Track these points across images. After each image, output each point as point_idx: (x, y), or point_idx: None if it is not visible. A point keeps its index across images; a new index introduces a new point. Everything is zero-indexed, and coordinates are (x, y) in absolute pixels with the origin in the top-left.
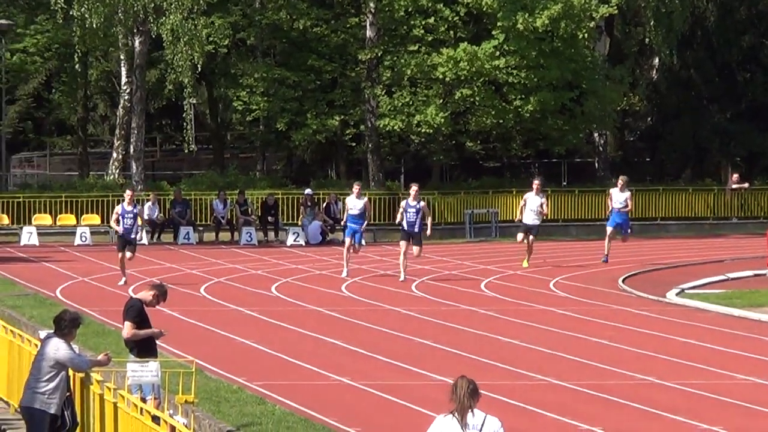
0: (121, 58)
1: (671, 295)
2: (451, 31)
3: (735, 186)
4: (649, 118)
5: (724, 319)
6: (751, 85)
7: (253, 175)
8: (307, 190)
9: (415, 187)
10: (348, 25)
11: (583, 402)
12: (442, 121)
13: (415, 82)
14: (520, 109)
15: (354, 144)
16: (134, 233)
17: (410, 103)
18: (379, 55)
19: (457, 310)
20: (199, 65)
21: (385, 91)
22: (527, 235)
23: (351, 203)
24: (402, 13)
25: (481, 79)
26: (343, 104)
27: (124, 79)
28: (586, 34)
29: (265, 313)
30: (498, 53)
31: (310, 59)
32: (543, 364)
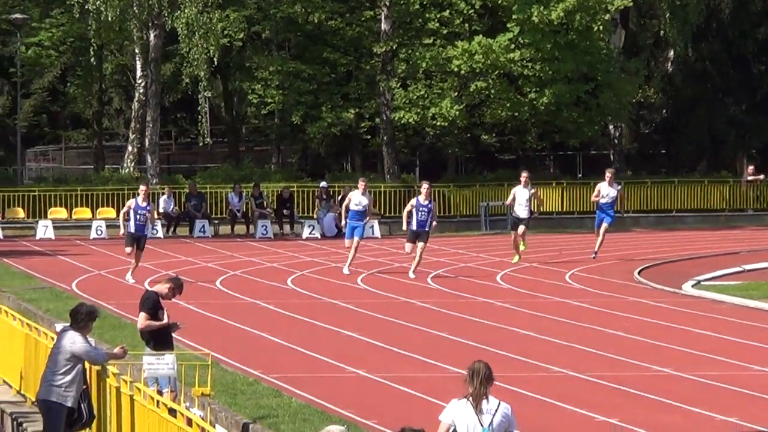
0: (136, 51)
1: (687, 287)
2: (466, 24)
3: (750, 178)
4: (665, 111)
5: (740, 310)
6: (766, 77)
7: (269, 168)
8: (323, 183)
9: (426, 186)
10: (363, 18)
11: (599, 393)
12: (457, 113)
13: (430, 75)
14: (535, 102)
15: (369, 137)
16: (146, 230)
17: (425, 96)
18: (394, 48)
19: (472, 302)
20: (215, 59)
21: (400, 84)
22: (518, 228)
23: (356, 199)
24: (417, 6)
25: (496, 72)
26: (358, 97)
27: (139, 73)
28: (601, 27)
29: (280, 305)
30: (513, 46)
31: (325, 52)
32: (559, 355)
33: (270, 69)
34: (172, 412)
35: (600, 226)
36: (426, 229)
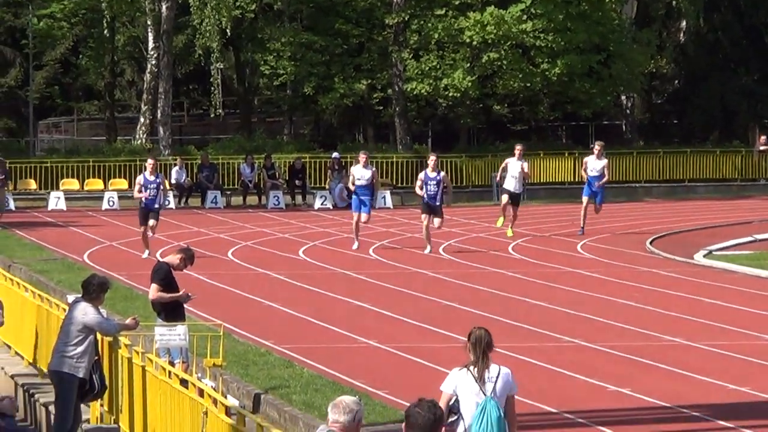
0: (148, 23)
1: (699, 257)
2: None
3: (763, 147)
4: (677, 81)
5: (752, 280)
6: None
7: (281, 139)
8: (335, 154)
9: (434, 158)
10: None
11: (610, 363)
12: (470, 84)
13: (442, 46)
14: (547, 73)
15: (381, 108)
16: (157, 203)
17: (437, 67)
18: (406, 19)
19: (484, 273)
20: (227, 30)
21: (412, 55)
22: (509, 204)
23: (358, 173)
24: None
25: (508, 43)
26: (370, 68)
27: (151, 45)
28: None
29: (292, 276)
30: (525, 17)
31: (337, 23)
32: (571, 325)
33: (282, 40)
34: (183, 383)
35: (589, 197)
36: (437, 203)
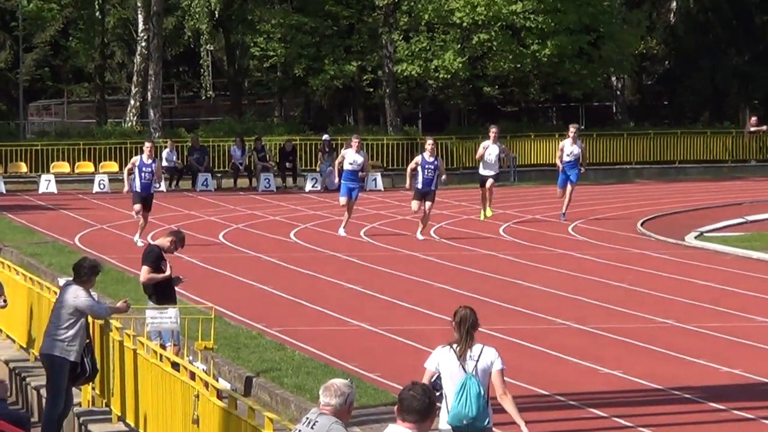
0: (138, 5)
1: (690, 239)
2: None
3: (753, 129)
4: (667, 62)
5: (743, 261)
6: None
7: (271, 122)
8: (325, 136)
9: (431, 142)
10: None
11: (602, 345)
12: (460, 66)
13: (433, 27)
14: (538, 54)
15: (371, 89)
16: (152, 188)
17: (428, 48)
18: (396, 0)
19: (475, 255)
20: (216, 12)
21: (402, 37)
22: (485, 183)
23: (350, 157)
24: None
25: (499, 24)
26: (360, 50)
27: (141, 27)
28: None
29: (283, 259)
30: None
31: (327, 5)
32: (562, 307)
33: (272, 22)
34: (175, 366)
35: (564, 187)
36: (432, 188)
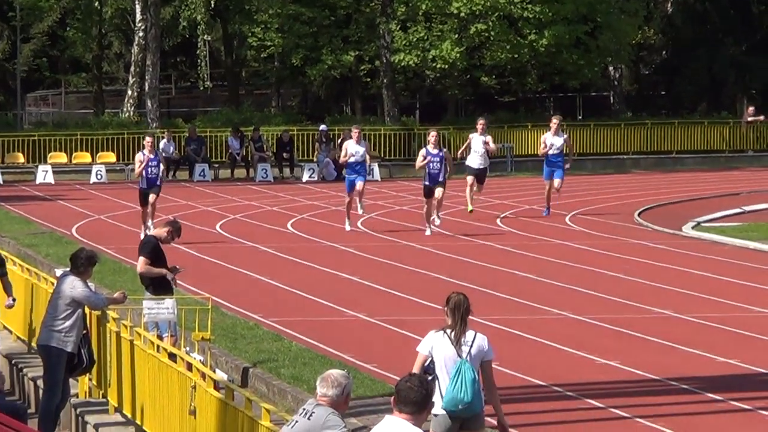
0: None
1: (687, 229)
2: None
3: (751, 118)
4: (665, 52)
5: (740, 251)
6: (766, 17)
7: (268, 112)
8: (322, 126)
9: (435, 134)
10: None
11: (599, 336)
12: (457, 56)
13: (430, 17)
14: (535, 44)
15: (369, 80)
16: (158, 181)
17: (425, 38)
18: None
19: (472, 245)
20: (213, 2)
21: (399, 27)
22: (476, 181)
23: (351, 149)
24: None
25: (496, 14)
26: (357, 40)
27: (138, 17)
28: None
29: (280, 249)
30: None
31: None
32: (559, 298)
33: (269, 12)
34: (172, 356)
35: (549, 179)
36: (440, 179)
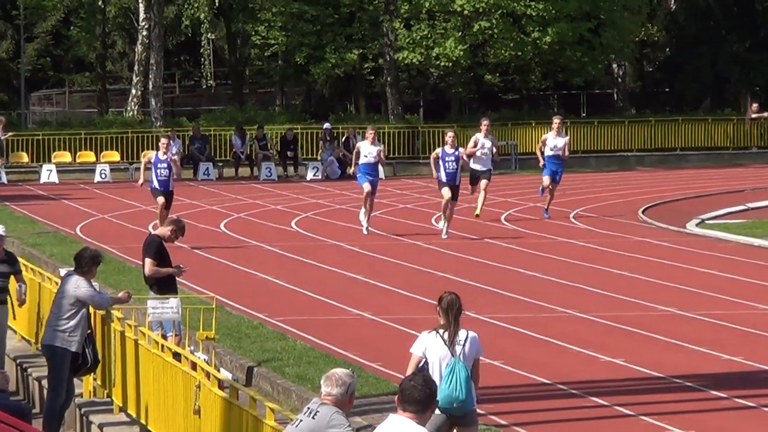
0: None
1: (691, 226)
2: None
3: (755, 115)
4: (668, 49)
5: (745, 248)
6: None
7: (272, 110)
8: (326, 125)
9: (452, 134)
10: None
11: (604, 334)
12: (461, 53)
13: (434, 15)
14: (539, 41)
15: (373, 78)
16: (171, 186)
17: (429, 36)
18: None
19: (476, 243)
20: (217, 0)
21: (403, 24)
22: (479, 182)
23: (365, 150)
24: None
25: (499, 11)
26: (361, 38)
27: (142, 15)
28: None
29: (285, 248)
30: None
31: None
32: (564, 296)
33: (273, 10)
34: (176, 356)
35: (549, 177)
36: (456, 182)
